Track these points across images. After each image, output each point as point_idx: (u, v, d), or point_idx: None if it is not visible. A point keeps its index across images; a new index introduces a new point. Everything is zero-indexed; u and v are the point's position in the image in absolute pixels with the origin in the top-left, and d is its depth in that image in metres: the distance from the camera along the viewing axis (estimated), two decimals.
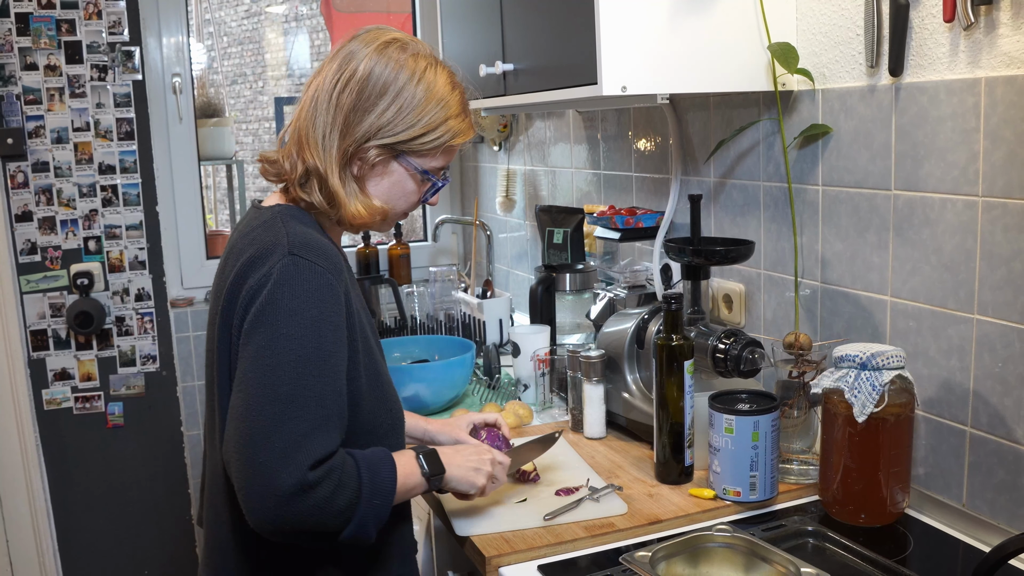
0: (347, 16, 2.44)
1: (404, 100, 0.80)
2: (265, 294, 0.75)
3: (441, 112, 0.82)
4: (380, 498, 0.77)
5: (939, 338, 0.92)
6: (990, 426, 0.87)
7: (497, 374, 1.46)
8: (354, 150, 0.81)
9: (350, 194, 0.81)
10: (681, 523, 0.93)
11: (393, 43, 0.82)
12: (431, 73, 0.82)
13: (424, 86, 0.81)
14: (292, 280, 0.75)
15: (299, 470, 0.71)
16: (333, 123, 0.80)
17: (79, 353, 1.93)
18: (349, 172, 0.82)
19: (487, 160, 2.10)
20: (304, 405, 0.73)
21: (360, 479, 0.76)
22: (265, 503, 0.71)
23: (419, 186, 0.86)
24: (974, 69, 0.85)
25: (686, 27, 1.02)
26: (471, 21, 1.39)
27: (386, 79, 0.80)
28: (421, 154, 0.83)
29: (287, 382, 0.73)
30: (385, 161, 0.82)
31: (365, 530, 0.76)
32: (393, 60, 0.80)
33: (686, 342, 0.99)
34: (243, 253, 0.79)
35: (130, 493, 1.98)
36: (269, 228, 0.80)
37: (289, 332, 0.73)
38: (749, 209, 1.20)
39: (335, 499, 0.73)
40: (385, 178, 0.84)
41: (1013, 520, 0.85)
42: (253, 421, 0.72)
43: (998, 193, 0.84)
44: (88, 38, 1.85)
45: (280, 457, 0.71)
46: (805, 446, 1.02)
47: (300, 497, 0.71)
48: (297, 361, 0.73)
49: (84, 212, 1.90)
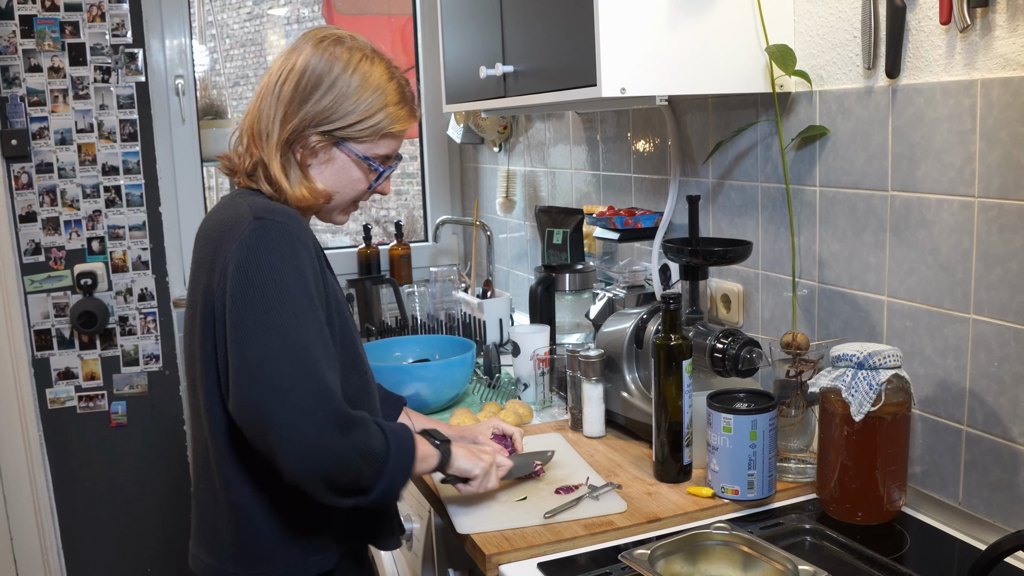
0: (348, 18, 2.44)
1: (339, 89, 0.84)
2: (242, 260, 0.78)
3: (377, 100, 0.86)
4: (405, 454, 0.81)
5: (935, 338, 0.92)
6: (986, 425, 0.88)
7: (497, 373, 1.47)
8: (295, 137, 0.85)
9: (293, 179, 0.86)
10: (680, 521, 0.94)
11: (329, 38, 0.87)
12: (366, 64, 0.86)
13: (359, 76, 0.85)
14: (265, 240, 0.79)
15: (338, 406, 0.75)
16: (274, 114, 0.85)
17: (83, 353, 1.94)
18: (292, 158, 0.86)
19: (487, 161, 2.11)
20: (316, 349, 0.77)
21: (385, 435, 0.80)
22: (310, 445, 0.73)
23: (365, 173, 0.89)
24: (970, 71, 0.86)
25: (685, 29, 1.03)
26: (471, 23, 1.40)
27: (321, 70, 0.85)
28: (361, 140, 0.87)
29: (294, 329, 0.76)
30: (327, 148, 0.87)
31: (393, 485, 0.80)
32: (328, 53, 0.85)
33: (684, 342, 1.00)
34: (212, 231, 0.84)
35: (133, 491, 1.99)
36: (230, 205, 0.85)
37: (279, 287, 0.77)
38: (747, 210, 1.21)
39: (370, 443, 0.77)
40: (329, 165, 0.88)
41: (1009, 518, 0.86)
42: (277, 373, 0.74)
43: (994, 194, 0.84)
44: (92, 40, 1.86)
45: (315, 399, 0.74)
46: (803, 445, 1.03)
47: (342, 434, 0.74)
48: (295, 309, 0.77)
49: (88, 213, 1.91)
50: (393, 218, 2.58)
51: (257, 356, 0.75)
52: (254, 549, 0.84)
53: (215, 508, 0.86)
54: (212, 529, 0.87)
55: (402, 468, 0.80)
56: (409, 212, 2.61)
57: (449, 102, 1.54)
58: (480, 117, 1.97)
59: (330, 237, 2.79)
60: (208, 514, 0.88)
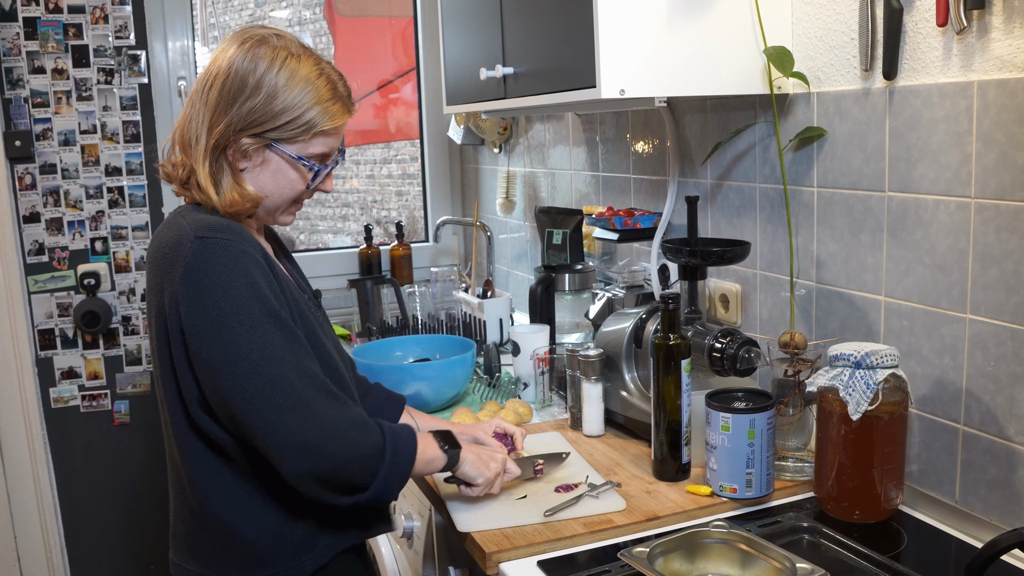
0: (349, 20, 2.45)
1: (266, 90, 0.82)
2: (192, 284, 0.77)
3: (306, 97, 0.83)
4: (403, 455, 0.81)
5: (932, 337, 0.93)
6: (982, 424, 0.88)
7: (497, 373, 1.47)
8: (224, 142, 0.83)
9: (224, 185, 0.84)
10: (678, 519, 0.94)
11: (253, 38, 0.84)
12: (292, 62, 0.83)
13: (285, 74, 0.82)
14: (209, 260, 0.77)
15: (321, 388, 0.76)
16: (201, 120, 0.83)
17: (86, 352, 1.95)
18: (224, 163, 0.84)
19: (487, 162, 2.11)
20: (280, 359, 0.76)
21: (383, 435, 0.80)
22: (294, 454, 0.75)
23: (301, 174, 0.87)
24: (967, 72, 0.86)
25: (683, 31, 1.03)
26: (472, 25, 1.41)
27: (245, 71, 0.82)
28: (293, 141, 0.84)
29: (255, 347, 0.76)
30: (259, 151, 0.84)
31: (389, 486, 0.80)
32: (252, 53, 0.83)
33: (683, 341, 1.01)
34: (157, 254, 0.83)
35: (136, 490, 2.00)
36: (171, 226, 0.84)
37: (232, 305, 0.76)
38: (745, 210, 1.21)
39: (364, 445, 0.78)
40: (264, 168, 0.85)
41: (1005, 516, 0.86)
42: (247, 394, 0.75)
43: (990, 195, 0.85)
44: (95, 42, 1.87)
45: (289, 411, 0.75)
46: (800, 443, 1.03)
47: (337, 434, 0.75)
48: (252, 325, 0.76)
49: (91, 213, 1.92)
50: (394, 218, 2.59)
51: (229, 381, 0.76)
52: (245, 556, 0.84)
53: (195, 523, 0.86)
54: (197, 542, 0.87)
55: (398, 471, 0.80)
56: (410, 213, 2.61)
57: (449, 103, 1.54)
58: (480, 118, 1.98)
59: (332, 237, 2.80)
60: (190, 529, 0.88)
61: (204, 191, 0.83)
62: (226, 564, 0.86)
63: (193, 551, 0.88)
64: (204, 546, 0.87)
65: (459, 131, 2.04)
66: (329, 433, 0.77)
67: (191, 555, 0.88)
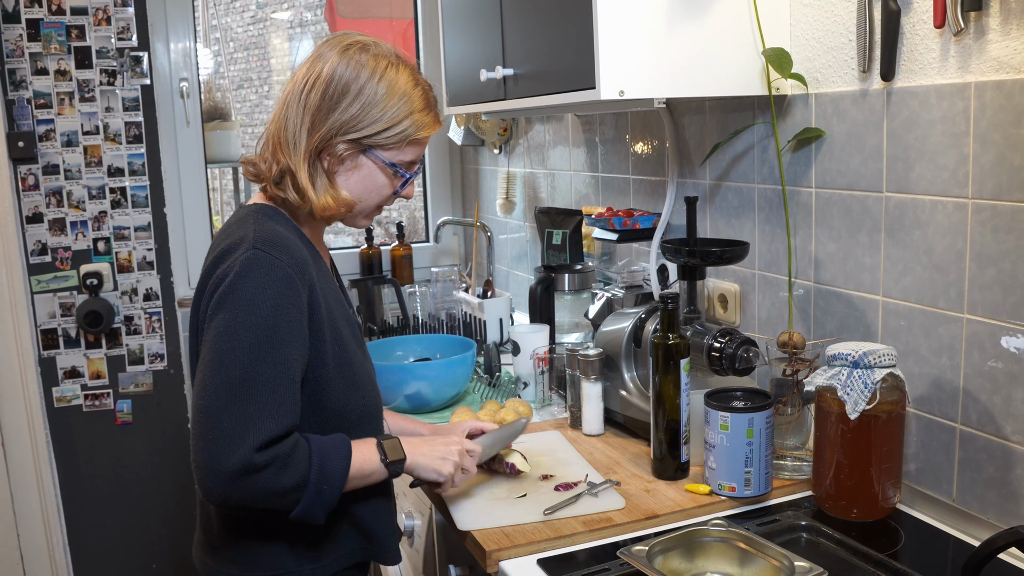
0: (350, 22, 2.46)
1: (366, 97, 0.84)
2: (227, 283, 0.79)
3: (404, 107, 0.86)
4: (328, 483, 0.80)
5: (930, 337, 0.93)
6: (979, 423, 0.88)
7: (497, 372, 1.48)
8: (322, 146, 0.85)
9: (319, 188, 0.86)
10: (677, 518, 0.95)
11: (355, 45, 0.87)
12: (392, 71, 0.86)
13: (386, 83, 0.85)
14: (252, 271, 0.79)
15: (246, 451, 0.75)
16: (301, 123, 0.85)
17: (88, 352, 1.96)
18: (319, 167, 0.86)
19: (487, 163, 2.12)
20: (255, 390, 0.76)
21: (310, 464, 0.79)
22: (213, 479, 0.75)
23: (390, 179, 0.90)
24: (964, 74, 0.86)
25: (683, 33, 1.04)
26: (472, 27, 1.41)
27: (348, 78, 0.84)
28: (387, 148, 0.87)
29: (240, 366, 0.76)
30: (354, 156, 0.87)
31: (312, 512, 0.80)
32: (355, 61, 0.85)
33: (682, 341, 1.01)
34: (218, 246, 0.85)
35: (138, 488, 2.01)
36: (242, 224, 0.85)
37: (245, 320, 0.77)
38: (744, 211, 1.22)
39: (280, 481, 0.77)
40: (356, 172, 0.88)
41: (1002, 515, 0.86)
42: (206, 402, 0.76)
43: (987, 195, 0.85)
44: (97, 43, 1.88)
45: (227, 438, 0.75)
46: (799, 443, 1.04)
47: (246, 477, 0.75)
48: (251, 347, 0.77)
49: (93, 214, 1.93)
50: (395, 219, 2.59)
51: (200, 380, 0.77)
52: (250, 554, 0.86)
53: (210, 514, 0.89)
54: (211, 533, 0.89)
55: (322, 498, 0.80)
56: (410, 213, 2.62)
57: (450, 105, 1.55)
58: (480, 119, 1.98)
59: (333, 238, 2.81)
60: (206, 518, 0.90)
61: (302, 192, 0.85)
62: (229, 559, 0.87)
63: (204, 539, 0.91)
64: (212, 536, 0.89)
65: (459, 132, 2.05)
66: (235, 480, 0.75)
67: (201, 543, 0.91)
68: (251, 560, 0.86)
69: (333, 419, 0.86)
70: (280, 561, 0.86)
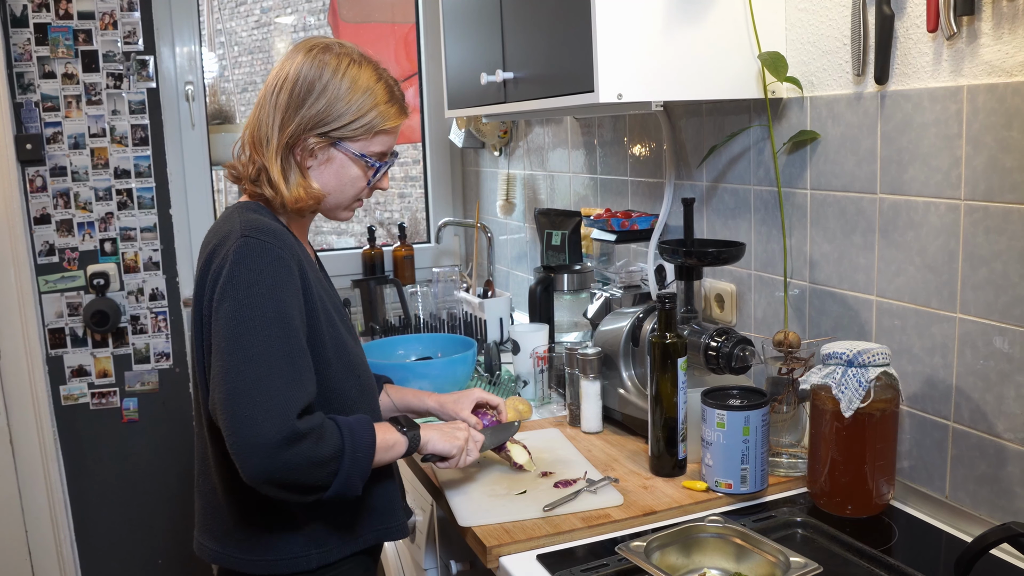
0: (353, 26, 2.48)
1: (331, 92, 0.88)
2: (225, 273, 0.82)
3: (368, 100, 0.89)
4: (361, 451, 0.83)
5: (923, 336, 0.94)
6: (972, 421, 0.89)
7: (498, 371, 1.49)
8: (293, 141, 0.89)
9: (291, 181, 0.89)
10: (675, 514, 0.96)
11: (318, 46, 0.91)
12: (354, 68, 0.90)
13: (348, 79, 0.89)
14: (246, 257, 0.83)
15: (286, 420, 0.77)
16: (273, 121, 0.89)
17: (95, 351, 1.98)
18: (292, 161, 0.90)
19: (488, 165, 2.14)
20: (275, 362, 0.79)
21: (341, 435, 0.82)
22: (258, 455, 0.76)
23: (363, 171, 0.93)
24: (956, 77, 0.87)
25: (680, 37, 1.05)
26: (473, 32, 1.43)
27: (312, 76, 0.89)
28: (356, 139, 0.90)
29: (257, 343, 0.79)
30: (324, 149, 0.90)
31: (351, 482, 0.82)
32: (318, 60, 0.89)
33: (679, 340, 1.02)
34: (209, 244, 0.89)
35: (144, 485, 2.03)
36: (228, 220, 0.90)
37: (250, 301, 0.81)
38: (740, 212, 1.23)
39: (319, 450, 0.79)
40: (329, 165, 0.91)
41: (994, 511, 0.87)
42: (233, 382, 0.78)
43: (980, 197, 0.86)
44: (104, 47, 1.90)
45: (264, 411, 0.77)
46: (794, 440, 1.05)
47: (288, 448, 0.77)
48: (262, 324, 0.80)
49: (100, 215, 1.95)
50: (397, 220, 2.61)
51: (221, 366, 0.79)
52: (255, 538, 0.88)
53: (215, 501, 0.90)
54: (214, 519, 0.91)
55: (358, 466, 0.83)
56: (412, 214, 2.64)
57: (451, 108, 1.57)
58: (481, 122, 2.00)
59: (336, 238, 2.83)
60: (209, 506, 0.92)
61: (275, 186, 0.89)
62: (237, 543, 0.89)
63: (209, 527, 0.92)
64: (219, 524, 0.91)
65: (460, 135, 2.06)
66: (281, 451, 0.77)
67: (207, 531, 0.92)
68: (268, 548, 0.87)
69: (334, 399, 0.89)
70: (294, 548, 0.87)
